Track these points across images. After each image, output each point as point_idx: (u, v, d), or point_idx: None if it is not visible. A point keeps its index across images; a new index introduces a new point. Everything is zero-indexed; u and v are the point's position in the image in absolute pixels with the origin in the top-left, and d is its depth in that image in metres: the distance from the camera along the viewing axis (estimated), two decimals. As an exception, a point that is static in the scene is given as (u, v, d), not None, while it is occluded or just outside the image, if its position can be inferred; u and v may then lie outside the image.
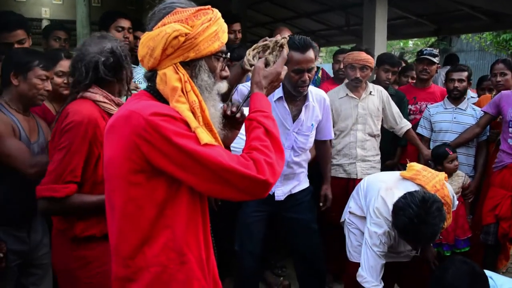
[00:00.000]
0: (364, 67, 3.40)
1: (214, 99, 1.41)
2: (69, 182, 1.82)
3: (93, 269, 1.91)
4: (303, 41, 2.52)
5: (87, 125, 1.84)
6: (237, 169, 1.26)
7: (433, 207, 2.19)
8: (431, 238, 2.28)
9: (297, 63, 2.53)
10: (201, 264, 1.38)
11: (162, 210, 1.31)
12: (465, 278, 2.01)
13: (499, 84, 3.87)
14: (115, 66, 1.96)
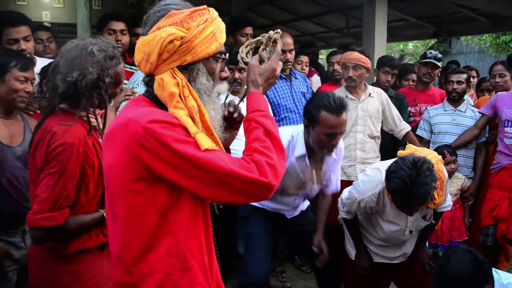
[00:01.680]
0: (357, 66, 3.40)
1: (214, 102, 1.39)
2: (65, 207, 1.73)
3: (85, 282, 1.84)
4: (339, 103, 2.38)
5: (78, 146, 1.73)
6: (239, 173, 1.24)
7: (423, 167, 2.21)
8: (424, 199, 2.28)
9: (331, 127, 2.39)
10: (204, 270, 1.37)
11: (164, 216, 1.30)
12: (468, 265, 2.03)
13: (498, 85, 3.89)
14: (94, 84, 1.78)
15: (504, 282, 2.14)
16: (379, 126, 3.55)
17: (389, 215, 2.57)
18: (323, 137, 2.41)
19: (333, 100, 2.38)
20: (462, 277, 2.03)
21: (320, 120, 2.39)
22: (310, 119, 2.46)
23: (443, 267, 2.11)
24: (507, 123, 3.48)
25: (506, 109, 3.49)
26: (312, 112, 2.43)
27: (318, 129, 2.41)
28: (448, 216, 3.58)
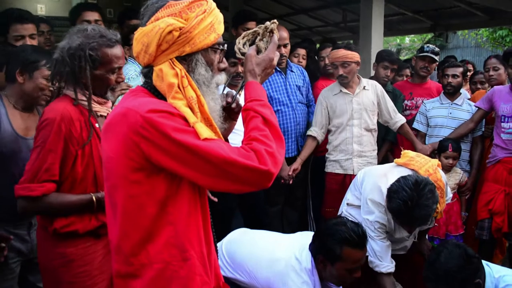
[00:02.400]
0: (345, 63, 3.39)
1: (213, 93, 1.39)
2: (46, 181, 1.78)
3: (76, 268, 1.87)
4: (360, 233, 2.20)
5: (60, 122, 1.78)
6: (239, 161, 1.25)
7: (425, 189, 2.22)
8: (425, 220, 2.29)
9: (355, 262, 2.20)
10: (203, 260, 1.38)
11: (164, 207, 1.31)
12: (457, 260, 2.05)
13: (492, 78, 3.91)
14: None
15: (496, 275, 2.16)
16: (375, 118, 3.55)
17: (396, 232, 2.60)
18: (344, 272, 2.22)
19: (353, 231, 2.19)
20: (452, 272, 2.05)
21: (343, 257, 2.18)
22: (329, 255, 2.22)
23: (433, 262, 2.12)
24: (504, 119, 3.49)
25: (503, 105, 3.50)
26: (333, 248, 2.20)
27: (340, 265, 2.20)
28: (445, 210, 3.58)
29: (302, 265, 2.29)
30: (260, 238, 2.62)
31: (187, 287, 1.34)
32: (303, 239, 2.45)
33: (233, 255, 2.51)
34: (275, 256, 2.36)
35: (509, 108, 3.46)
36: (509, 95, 3.49)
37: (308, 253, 2.35)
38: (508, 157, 3.46)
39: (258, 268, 2.38)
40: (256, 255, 2.44)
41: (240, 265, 2.46)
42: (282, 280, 2.28)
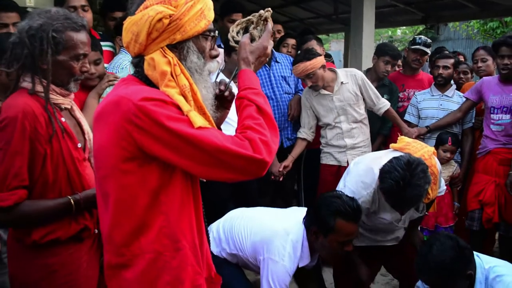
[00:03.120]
0: (309, 75, 3.33)
1: (205, 81, 1.39)
2: (16, 187, 1.58)
3: (60, 279, 1.71)
4: (355, 207, 2.27)
5: (23, 120, 1.57)
6: (233, 150, 1.24)
7: (418, 169, 2.21)
8: (417, 201, 2.29)
9: (348, 235, 2.27)
10: (195, 250, 1.38)
11: (156, 197, 1.30)
12: (450, 252, 2.07)
13: (481, 69, 3.94)
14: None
15: (486, 266, 2.18)
16: (362, 108, 3.52)
17: (384, 213, 2.59)
18: (336, 244, 2.28)
19: (348, 205, 2.26)
20: (444, 264, 2.06)
21: (336, 228, 2.25)
22: (322, 227, 2.28)
23: (425, 254, 2.13)
24: (493, 110, 3.51)
25: (492, 96, 3.51)
26: (327, 220, 2.26)
27: (332, 237, 2.26)
28: (436, 202, 3.62)
29: (289, 236, 2.34)
30: (256, 213, 2.68)
31: (179, 277, 1.33)
32: (298, 213, 2.53)
33: (230, 229, 2.56)
34: (266, 226, 2.44)
35: (498, 99, 3.48)
36: (498, 86, 3.51)
37: (300, 226, 2.40)
38: (498, 148, 3.48)
39: (248, 237, 2.45)
40: (249, 226, 2.50)
41: (235, 238, 2.52)
42: (266, 246, 2.34)
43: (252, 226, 2.48)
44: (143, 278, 1.31)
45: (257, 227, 2.46)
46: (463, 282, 2.13)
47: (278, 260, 2.29)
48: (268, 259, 2.32)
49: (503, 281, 2.10)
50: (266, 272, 2.31)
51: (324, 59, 3.44)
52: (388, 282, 3.58)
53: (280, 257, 2.30)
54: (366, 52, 5.02)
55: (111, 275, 1.36)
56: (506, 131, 3.45)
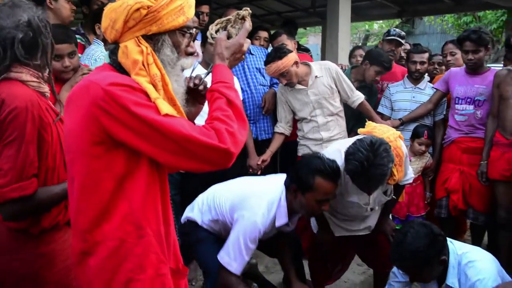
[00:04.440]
0: (282, 74, 3.33)
1: (177, 75, 1.40)
2: (32, 176, 1.61)
3: (58, 264, 1.74)
4: (334, 167, 2.34)
5: (32, 109, 1.59)
6: (198, 139, 1.26)
7: (380, 149, 2.25)
8: (381, 180, 2.33)
9: (326, 193, 2.35)
10: (160, 238, 1.38)
11: (121, 183, 1.31)
12: (424, 240, 2.14)
13: (450, 63, 4.03)
14: (32, 43, 1.64)
15: (459, 252, 2.25)
16: (337, 101, 3.54)
17: (352, 195, 2.62)
18: (314, 203, 2.36)
19: (328, 164, 2.32)
20: (419, 251, 2.12)
21: (315, 186, 2.32)
22: (301, 184, 2.36)
23: (399, 243, 2.19)
24: (458, 100, 3.59)
25: (457, 86, 3.60)
26: (306, 177, 2.34)
27: (310, 195, 2.35)
28: (408, 192, 3.71)
29: (265, 195, 2.42)
30: (239, 180, 2.77)
31: (142, 264, 1.34)
32: (278, 177, 2.62)
33: (213, 197, 2.63)
34: (245, 188, 2.54)
35: (463, 90, 3.57)
36: (464, 78, 3.59)
37: (278, 187, 2.48)
38: (461, 137, 3.57)
39: (228, 200, 2.53)
40: (230, 190, 2.60)
41: (215, 204, 2.60)
42: (242, 204, 2.42)
43: (232, 190, 2.58)
44: (105, 265, 1.31)
45: (237, 190, 2.56)
46: (437, 268, 2.21)
47: (250, 216, 2.36)
48: (240, 216, 2.39)
49: (475, 266, 2.18)
50: (236, 226, 2.38)
51: (296, 55, 3.44)
52: (364, 272, 3.65)
53: (253, 213, 2.37)
54: (342, 45, 5.06)
55: (77, 262, 1.36)
56: (469, 121, 3.54)
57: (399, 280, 2.50)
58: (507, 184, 3.26)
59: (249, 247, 2.38)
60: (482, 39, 3.42)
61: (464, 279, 2.20)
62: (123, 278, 1.32)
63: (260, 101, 3.68)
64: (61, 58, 2.46)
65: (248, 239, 2.36)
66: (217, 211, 2.58)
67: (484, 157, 3.38)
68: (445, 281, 2.24)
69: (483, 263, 2.20)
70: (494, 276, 2.13)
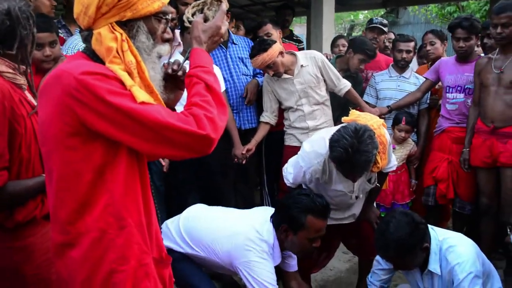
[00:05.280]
0: (268, 66, 3.32)
1: (153, 62, 1.37)
2: (2, 168, 1.58)
3: (38, 258, 1.71)
4: (324, 204, 2.33)
5: (3, 100, 1.57)
6: (176, 126, 1.23)
7: (365, 135, 2.25)
8: (366, 166, 2.33)
9: (318, 231, 2.33)
10: (141, 229, 1.36)
11: (100, 174, 1.28)
12: (406, 228, 2.16)
13: (430, 52, 4.06)
14: (9, 32, 1.61)
15: (440, 238, 2.29)
16: (323, 90, 3.53)
17: (337, 183, 2.63)
18: (306, 241, 2.33)
19: (318, 202, 2.31)
20: (401, 239, 2.15)
21: (306, 225, 2.30)
22: (293, 224, 2.33)
23: (382, 232, 2.22)
24: (449, 89, 3.62)
25: (448, 75, 3.62)
26: (297, 217, 2.31)
27: (303, 234, 2.32)
28: (393, 180, 3.74)
29: (262, 237, 2.35)
30: (218, 213, 2.65)
31: (124, 255, 1.32)
32: (263, 213, 2.52)
33: (190, 231, 2.52)
34: (234, 230, 2.42)
35: (453, 78, 3.59)
36: (454, 67, 3.62)
37: (269, 225, 2.41)
38: (451, 127, 3.60)
39: (217, 243, 2.42)
40: (214, 229, 2.47)
41: (199, 240, 2.48)
42: (242, 252, 2.33)
43: (223, 233, 2.43)
44: (88, 256, 1.30)
45: (228, 232, 2.42)
46: (420, 255, 2.23)
47: (257, 261, 2.30)
48: (248, 263, 2.30)
49: (455, 251, 2.22)
50: (251, 276, 2.29)
51: (280, 45, 3.43)
52: (349, 259, 3.68)
53: (259, 257, 2.31)
54: (326, 35, 5.06)
55: (57, 254, 1.34)
56: (460, 110, 3.57)
57: (383, 267, 2.53)
58: (488, 171, 3.30)
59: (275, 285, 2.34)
60: (474, 27, 3.45)
61: (445, 264, 2.24)
62: (106, 269, 1.31)
63: (243, 91, 3.66)
64: (42, 47, 2.41)
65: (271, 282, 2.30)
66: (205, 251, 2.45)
67: (466, 145, 3.41)
68: (427, 267, 2.28)
69: (463, 247, 2.24)
70: (472, 260, 2.17)
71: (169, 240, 2.53)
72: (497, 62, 3.19)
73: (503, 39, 3.10)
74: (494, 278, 2.40)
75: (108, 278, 1.31)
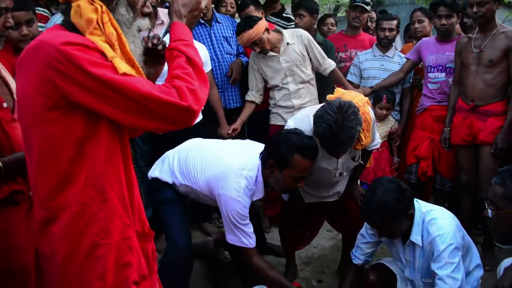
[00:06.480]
0: (255, 43, 3.31)
1: (133, 35, 1.36)
2: None
3: None
4: (313, 145, 2.33)
5: None
6: (159, 97, 1.23)
7: (349, 111, 2.26)
8: (350, 142, 2.34)
9: (303, 171, 2.34)
10: (124, 202, 1.36)
11: (81, 147, 1.27)
12: (393, 194, 2.21)
13: (418, 31, 4.07)
14: None
15: (423, 210, 2.35)
16: (309, 68, 3.54)
17: (320, 161, 2.65)
18: (290, 179, 2.35)
19: (307, 141, 2.31)
20: (388, 204, 2.20)
21: (293, 163, 2.32)
22: (279, 160, 2.35)
23: (370, 198, 2.26)
24: (430, 69, 3.65)
25: (429, 55, 3.65)
26: (284, 154, 2.32)
27: (288, 172, 2.34)
28: (375, 157, 3.78)
29: (243, 172, 2.39)
30: (214, 146, 2.71)
31: (106, 228, 1.32)
32: (255, 149, 2.58)
33: (185, 161, 2.58)
34: (221, 161, 2.48)
35: (434, 58, 3.62)
36: (435, 46, 3.65)
37: (255, 161, 2.46)
38: (433, 105, 3.65)
39: (203, 171, 2.49)
40: (205, 159, 2.53)
41: (189, 169, 2.55)
42: (220, 183, 2.39)
43: (207, 160, 2.52)
44: (70, 231, 1.29)
45: (212, 161, 2.50)
46: (405, 222, 2.29)
47: (234, 197, 2.35)
48: (223, 196, 2.37)
49: (437, 223, 2.28)
50: (223, 209, 2.38)
51: (265, 22, 3.41)
52: (333, 237, 3.73)
53: (235, 193, 2.36)
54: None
55: (39, 230, 1.33)
56: (441, 89, 3.61)
57: (367, 241, 2.57)
58: (468, 149, 3.35)
59: (244, 223, 2.40)
60: (456, 4, 3.49)
61: (426, 235, 2.30)
62: (88, 243, 1.30)
63: (228, 70, 3.64)
64: (19, 26, 2.35)
65: (239, 219, 2.37)
66: (192, 179, 2.54)
67: (447, 124, 3.46)
68: (409, 237, 2.33)
69: (444, 220, 2.29)
70: (453, 232, 2.23)
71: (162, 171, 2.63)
72: (477, 41, 3.22)
73: (480, 18, 3.13)
74: (473, 253, 2.46)
75: (91, 252, 1.31)
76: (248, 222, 2.42)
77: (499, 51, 3.11)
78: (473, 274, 2.44)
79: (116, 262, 1.34)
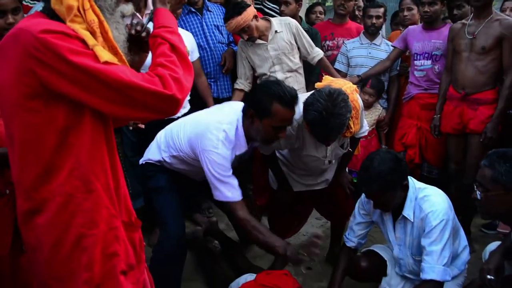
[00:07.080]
0: (243, 30, 3.29)
1: (116, 22, 1.33)
2: None
3: None
4: (293, 94, 2.28)
5: None
6: (141, 85, 1.21)
7: (339, 99, 2.26)
8: (340, 129, 2.35)
9: (283, 120, 2.31)
10: (109, 192, 1.35)
11: (64, 137, 1.25)
12: (389, 163, 2.23)
13: (406, 18, 4.07)
14: None
15: (417, 186, 2.39)
16: (297, 57, 3.53)
17: (309, 148, 2.65)
18: (270, 129, 2.32)
19: (287, 91, 2.27)
20: (385, 174, 2.22)
21: (272, 112, 2.28)
22: (259, 110, 2.31)
23: (366, 167, 2.28)
24: (416, 56, 3.66)
25: (415, 43, 3.66)
26: (263, 103, 2.29)
27: (267, 121, 2.30)
28: (364, 145, 3.80)
29: (222, 125, 2.38)
30: (196, 113, 2.70)
31: (92, 219, 1.31)
32: (234, 105, 2.59)
33: (170, 133, 2.60)
34: (201, 121, 2.49)
35: (420, 46, 3.63)
36: (421, 34, 3.66)
37: (234, 115, 2.45)
38: (420, 93, 3.67)
39: (185, 135, 2.50)
40: (187, 124, 2.55)
41: (173, 139, 2.56)
42: (199, 140, 2.38)
43: (188, 124, 2.53)
44: (55, 222, 1.28)
45: (193, 123, 2.51)
46: (400, 193, 2.32)
47: (212, 150, 2.34)
48: (203, 151, 2.36)
49: (430, 200, 2.31)
50: (205, 165, 2.37)
51: (254, 9, 3.38)
52: (322, 225, 3.76)
53: (213, 146, 2.34)
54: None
55: (24, 222, 1.32)
56: (428, 76, 3.63)
57: (359, 221, 2.60)
58: (457, 137, 3.37)
59: (226, 175, 2.37)
60: None
61: (418, 211, 2.32)
62: (74, 234, 1.29)
63: (220, 59, 3.62)
64: (4, 14, 2.31)
65: (221, 171, 2.34)
66: (176, 146, 2.54)
67: (437, 111, 3.47)
68: (402, 212, 2.36)
69: (437, 197, 2.32)
70: (445, 210, 2.27)
71: (150, 151, 2.65)
72: (471, 28, 3.22)
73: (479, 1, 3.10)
74: (461, 237, 2.51)
75: (77, 243, 1.30)
76: (231, 174, 2.38)
77: (493, 38, 3.11)
78: (461, 257, 2.49)
79: (103, 252, 1.33)
